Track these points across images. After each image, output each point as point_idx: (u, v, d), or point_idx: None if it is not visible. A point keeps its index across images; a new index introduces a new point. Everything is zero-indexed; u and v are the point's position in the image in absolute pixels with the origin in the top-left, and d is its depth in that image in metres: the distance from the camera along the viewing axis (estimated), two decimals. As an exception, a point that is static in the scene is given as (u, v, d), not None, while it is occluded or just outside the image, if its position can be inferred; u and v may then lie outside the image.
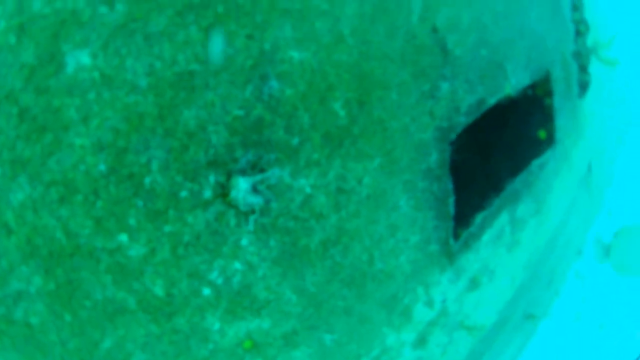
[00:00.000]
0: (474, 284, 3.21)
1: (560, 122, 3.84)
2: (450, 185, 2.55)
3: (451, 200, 2.59)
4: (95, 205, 1.91)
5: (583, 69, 4.12)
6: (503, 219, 3.23)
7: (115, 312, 2.05)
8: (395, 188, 2.32)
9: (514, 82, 3.06)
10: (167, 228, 2.10)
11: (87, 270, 1.97)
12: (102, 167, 1.89)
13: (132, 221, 1.97)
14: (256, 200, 1.97)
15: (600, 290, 5.82)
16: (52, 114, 1.79)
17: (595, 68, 4.87)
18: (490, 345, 3.89)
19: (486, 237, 3.09)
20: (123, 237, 1.98)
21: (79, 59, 1.80)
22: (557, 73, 3.81)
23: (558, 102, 3.79)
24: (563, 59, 3.95)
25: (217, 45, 1.95)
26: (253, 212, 1.99)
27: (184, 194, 2.07)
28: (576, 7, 4.42)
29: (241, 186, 1.95)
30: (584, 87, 4.07)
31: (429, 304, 2.83)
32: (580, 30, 4.36)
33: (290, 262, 2.20)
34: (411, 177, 2.35)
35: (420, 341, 2.90)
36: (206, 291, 2.17)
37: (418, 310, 2.76)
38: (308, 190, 2.13)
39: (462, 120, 2.53)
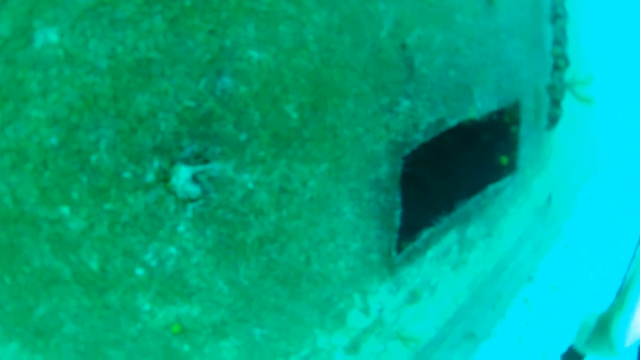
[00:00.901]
0: (413, 297, 3.27)
1: (524, 151, 3.92)
2: (398, 199, 2.60)
3: (397, 212, 2.64)
4: (43, 175, 1.93)
5: (555, 103, 4.20)
6: (451, 237, 3.29)
7: (50, 281, 2.08)
8: (340, 194, 2.36)
9: (480, 106, 3.12)
10: (108, 206, 2.12)
11: (29, 237, 2.00)
12: (54, 140, 1.91)
13: (75, 195, 1.99)
14: (194, 190, 2.00)
15: (546, 318, 5.95)
16: (16, 85, 1.83)
17: (571, 105, 4.96)
18: None
19: (431, 253, 3.15)
20: (65, 209, 2.00)
21: (47, 36, 1.84)
22: (528, 103, 3.88)
23: (524, 131, 3.86)
24: (536, 91, 4.02)
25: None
26: (191, 200, 2.02)
27: (127, 175, 2.09)
28: (558, 42, 4.50)
29: (182, 174, 1.97)
30: (553, 120, 4.15)
31: (365, 311, 2.88)
32: (558, 64, 4.44)
33: (225, 254, 2.23)
34: (358, 185, 2.39)
35: (353, 347, 2.94)
36: (139, 271, 2.19)
37: (353, 316, 2.80)
38: (250, 186, 2.16)
39: (419, 138, 2.57)
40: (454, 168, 3.81)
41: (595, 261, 6.72)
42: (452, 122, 2.85)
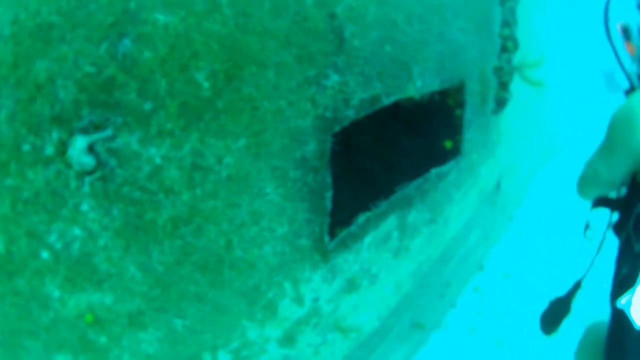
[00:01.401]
0: (352, 286, 3.12)
1: (470, 135, 3.80)
2: (328, 179, 2.44)
3: (328, 194, 2.47)
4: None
5: (503, 85, 4.10)
6: (391, 223, 3.15)
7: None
8: (261, 173, 2.19)
9: (420, 85, 2.98)
10: (8, 181, 1.96)
11: None
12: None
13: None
14: (88, 161, 1.81)
15: (498, 306, 5.90)
16: None
17: (522, 89, 4.87)
18: (372, 351, 3.83)
19: (369, 239, 3.00)
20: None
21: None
22: (473, 86, 3.77)
23: (469, 114, 3.74)
24: (482, 73, 3.91)
25: None
26: (88, 173, 1.83)
27: (26, 147, 1.92)
28: (507, 23, 4.39)
29: (77, 145, 1.78)
30: (500, 104, 4.05)
31: (298, 301, 2.72)
32: (507, 46, 4.33)
33: (135, 236, 2.04)
34: (282, 163, 2.22)
35: (288, 339, 2.78)
36: (44, 254, 2.01)
37: (285, 306, 2.63)
38: (158, 161, 1.98)
39: (351, 114, 2.42)
40: (392, 149, 3.67)
41: (548, 248, 6.70)
42: (388, 100, 2.70)
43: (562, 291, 2.43)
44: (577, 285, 2.32)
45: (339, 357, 3.34)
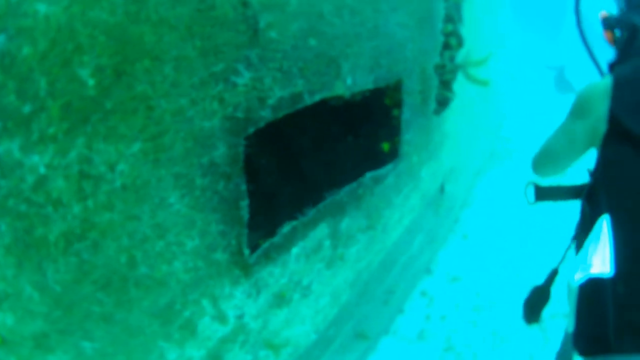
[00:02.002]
0: (281, 300, 2.88)
1: (409, 137, 3.61)
2: (243, 187, 2.19)
3: (244, 203, 2.22)
4: None
5: (445, 84, 3.92)
6: (321, 231, 2.92)
7: None
8: (162, 181, 1.92)
9: (350, 82, 2.76)
10: None
11: None
12: None
13: None
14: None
15: (447, 310, 5.77)
16: None
17: (468, 89, 4.72)
18: (313, 365, 3.61)
19: (297, 249, 2.77)
20: None
21: None
22: (413, 84, 3.57)
23: (408, 114, 3.54)
24: (423, 71, 3.72)
25: None
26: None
27: None
28: (450, 19, 4.22)
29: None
30: (442, 103, 3.87)
31: (220, 318, 2.47)
32: (450, 43, 4.16)
33: (26, 253, 1.77)
34: (186, 170, 1.96)
35: (214, 358, 2.54)
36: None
37: (205, 324, 2.38)
38: (42, 170, 1.70)
39: (267, 115, 2.17)
40: (320, 152, 3.44)
41: (495, 251, 6.63)
42: (313, 98, 2.47)
43: (538, 281, 2.49)
44: (554, 273, 2.40)
45: (274, 375, 3.11)
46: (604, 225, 1.86)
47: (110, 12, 1.74)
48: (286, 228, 2.61)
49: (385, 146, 3.42)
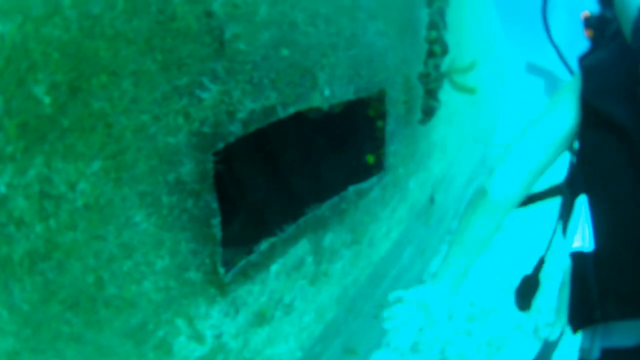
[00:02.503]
0: (262, 319, 2.79)
1: (394, 148, 3.53)
2: (214, 204, 2.10)
3: (216, 221, 2.14)
4: None
5: (430, 93, 3.84)
6: (302, 248, 2.84)
7: None
8: (126, 200, 1.84)
9: (328, 94, 2.68)
10: None
11: None
12: None
13: None
14: None
15: (441, 321, 5.65)
16: None
17: (455, 97, 4.65)
18: (299, 383, 3.50)
19: (276, 267, 2.68)
20: None
21: None
22: (396, 94, 3.50)
23: (393, 125, 3.47)
24: (407, 81, 3.64)
25: None
26: None
27: None
28: (434, 26, 4.15)
29: None
30: (428, 113, 3.79)
31: (197, 338, 2.38)
32: (434, 50, 4.08)
33: (-8, 272, 1.69)
34: (151, 188, 1.88)
35: (194, 379, 2.44)
36: None
37: (181, 344, 2.30)
38: (3, 190, 1.63)
39: (236, 129, 2.09)
40: (301, 166, 3.35)
41: (490, 259, 6.54)
42: (287, 111, 2.39)
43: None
44: (541, 261, 2.58)
45: (260, 394, 3.01)
46: (582, 206, 1.95)
47: (64, 29, 1.67)
48: (264, 245, 2.52)
49: (370, 159, 3.34)
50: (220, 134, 2.08)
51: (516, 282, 2.71)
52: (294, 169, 3.25)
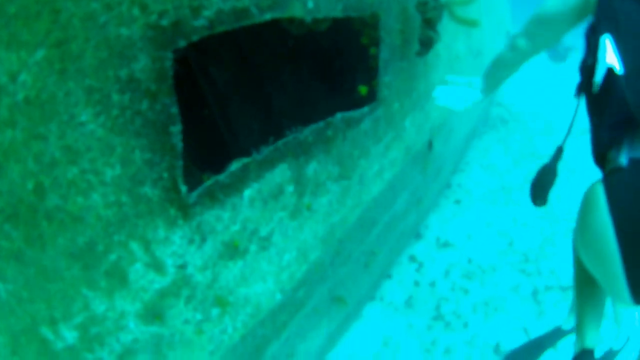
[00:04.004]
0: (234, 251, 2.59)
1: (389, 80, 3.29)
2: (174, 109, 1.89)
3: (176, 129, 1.93)
4: None
5: (428, 23, 3.58)
6: (281, 174, 2.63)
7: None
8: (72, 95, 1.64)
9: (312, 6, 2.44)
10: None
11: None
12: None
13: None
14: None
15: (437, 277, 5.51)
16: None
17: (459, 44, 4.39)
18: (282, 329, 3.34)
19: (250, 192, 2.48)
20: None
21: None
22: (391, 22, 3.24)
23: (387, 54, 3.23)
24: (403, 10, 3.39)
25: None
26: None
27: None
28: (434, -47, 3.87)
29: None
30: (426, 44, 3.54)
31: (156, 267, 2.18)
32: (433, -21, 3.81)
33: None
34: (99, 84, 1.67)
35: (153, 315, 2.25)
36: None
37: (137, 273, 2.10)
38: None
39: (202, 26, 1.87)
40: (283, 84, 3.11)
41: (490, 217, 6.35)
42: (262, 16, 2.16)
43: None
44: (559, 151, 2.45)
45: (235, 337, 2.83)
46: (607, 42, 1.92)
47: None
48: (235, 165, 2.31)
49: (363, 90, 3.11)
50: (182, 30, 1.86)
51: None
52: (276, 86, 3.01)
